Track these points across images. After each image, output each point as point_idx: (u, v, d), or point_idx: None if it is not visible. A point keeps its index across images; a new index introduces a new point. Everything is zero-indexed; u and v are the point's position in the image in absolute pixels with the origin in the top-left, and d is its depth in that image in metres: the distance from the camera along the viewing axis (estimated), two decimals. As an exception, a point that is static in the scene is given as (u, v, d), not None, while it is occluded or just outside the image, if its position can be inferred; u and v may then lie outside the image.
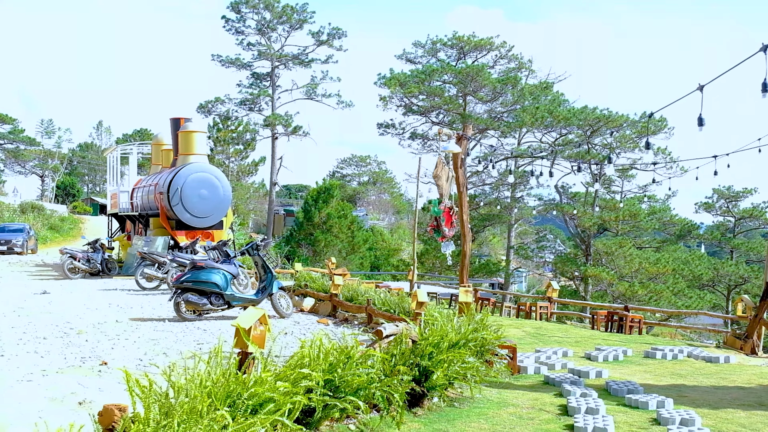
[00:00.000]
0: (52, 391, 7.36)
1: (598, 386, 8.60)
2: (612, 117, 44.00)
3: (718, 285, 43.52)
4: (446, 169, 10.51)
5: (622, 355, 11.13)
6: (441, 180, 10.44)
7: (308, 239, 45.23)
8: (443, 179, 10.44)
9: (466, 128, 11.42)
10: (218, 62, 54.83)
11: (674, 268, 40.36)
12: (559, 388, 8.42)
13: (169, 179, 23.17)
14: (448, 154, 10.72)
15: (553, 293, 16.91)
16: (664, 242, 46.45)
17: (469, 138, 11.19)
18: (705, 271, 41.44)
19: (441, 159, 10.58)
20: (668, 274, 40.83)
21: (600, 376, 9.30)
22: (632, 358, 11.14)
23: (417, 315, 10.60)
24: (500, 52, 53.48)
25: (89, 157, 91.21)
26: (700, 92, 8.70)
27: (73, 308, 14.53)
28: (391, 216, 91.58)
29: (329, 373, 6.03)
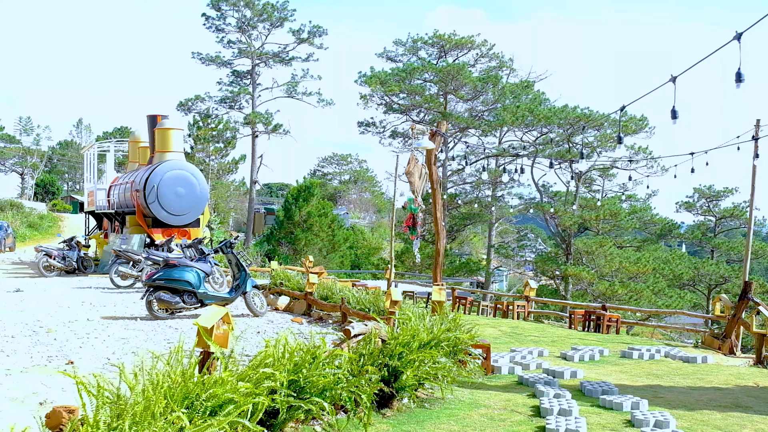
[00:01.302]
0: (14, 391, 7.20)
1: (572, 387, 8.53)
2: (592, 116, 44.09)
3: (698, 284, 43.66)
4: (419, 165, 10.41)
5: (598, 355, 11.07)
6: (413, 177, 10.33)
7: (289, 238, 45.03)
8: (416, 176, 10.33)
9: (440, 124, 11.29)
10: (198, 60, 54.50)
11: (655, 267, 40.46)
12: (533, 388, 8.34)
13: (145, 177, 22.94)
14: (421, 150, 10.64)
15: (530, 292, 16.85)
16: (645, 242, 46.60)
17: (443, 134, 11.06)
18: (685, 271, 41.58)
19: (413, 155, 10.47)
20: (648, 274, 40.91)
21: (575, 376, 9.23)
22: (608, 358, 11.09)
23: (391, 314, 10.50)
24: (481, 50, 53.50)
25: (69, 155, 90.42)
26: (672, 84, 8.63)
27: (45, 306, 14.33)
28: (372, 215, 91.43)
29: (294, 374, 5.91)
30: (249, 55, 54.42)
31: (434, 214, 11.15)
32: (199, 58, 54.30)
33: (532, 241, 61.05)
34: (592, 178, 50.94)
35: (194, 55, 54.28)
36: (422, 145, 10.43)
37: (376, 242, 64.51)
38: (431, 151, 10.88)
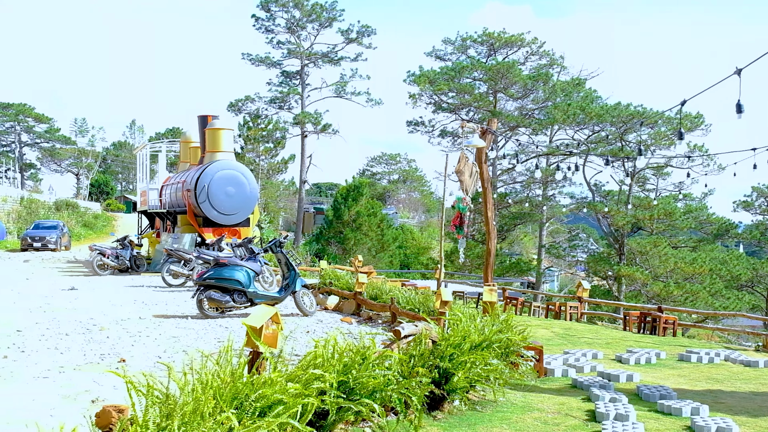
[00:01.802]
0: (67, 389, 7.26)
1: (628, 391, 8.30)
2: (646, 113, 43.22)
3: (757, 286, 42.65)
4: (469, 164, 10.25)
5: (654, 358, 10.77)
6: (464, 175, 10.17)
7: (338, 237, 45.11)
8: (466, 174, 10.17)
9: (490, 122, 11.13)
10: (248, 61, 54.97)
11: (711, 268, 39.52)
12: (588, 392, 8.13)
13: (196, 177, 23.14)
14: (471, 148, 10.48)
15: (583, 293, 16.54)
16: (701, 242, 45.54)
17: (494, 132, 10.89)
18: (743, 272, 40.58)
19: (464, 153, 10.31)
20: (705, 275, 40.02)
21: (631, 379, 8.98)
22: (665, 362, 10.78)
23: (441, 314, 10.37)
24: (531, 48, 53.03)
25: (123, 156, 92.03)
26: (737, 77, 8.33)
27: (98, 305, 14.52)
28: (421, 214, 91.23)
29: (343, 375, 5.83)
30: (298, 56, 54.70)
31: (485, 214, 10.99)
32: (249, 59, 54.77)
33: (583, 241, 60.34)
34: (645, 177, 50.08)
35: (244, 56, 54.78)
36: (473, 143, 10.27)
37: (425, 242, 64.34)
38: (482, 150, 10.71)
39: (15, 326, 11.34)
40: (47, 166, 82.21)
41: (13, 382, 7.49)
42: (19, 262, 27.47)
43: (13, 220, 44.04)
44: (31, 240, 34.89)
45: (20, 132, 77.20)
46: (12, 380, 7.59)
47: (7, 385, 7.39)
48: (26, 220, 44.77)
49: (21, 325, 11.52)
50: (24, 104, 74.91)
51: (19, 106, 74.59)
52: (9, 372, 8.00)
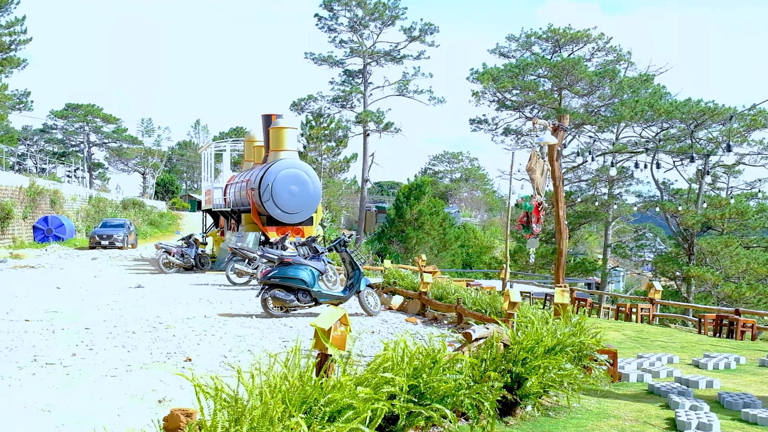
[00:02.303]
0: (134, 388, 7.23)
1: (708, 398, 7.92)
2: (718, 110, 41.99)
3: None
4: (541, 161, 9.95)
5: (734, 363, 10.31)
6: (535, 173, 9.88)
7: (400, 236, 44.97)
8: (537, 172, 9.87)
9: (562, 118, 10.80)
10: (311, 60, 55.27)
11: (787, 269, 38.37)
12: (666, 398, 7.78)
13: (260, 175, 23.23)
14: (543, 146, 10.18)
15: (655, 294, 16.04)
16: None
17: (566, 129, 10.57)
18: (819, 273, 39.26)
19: (535, 151, 10.01)
20: (780, 275, 38.92)
21: (711, 386, 8.58)
22: (746, 367, 10.31)
23: (509, 316, 10.11)
24: (597, 44, 52.12)
25: (187, 155, 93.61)
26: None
27: (164, 303, 14.61)
28: (484, 213, 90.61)
29: (413, 378, 5.64)
30: (361, 54, 54.73)
31: (556, 213, 10.66)
32: (311, 58, 55.06)
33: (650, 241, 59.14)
34: (716, 175, 48.82)
35: (307, 56, 55.11)
36: (544, 139, 9.97)
37: (488, 241, 63.83)
38: (553, 147, 10.40)
39: (84, 324, 11.45)
40: (114, 166, 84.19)
41: (82, 381, 7.51)
42: (87, 260, 27.99)
43: (81, 219, 45.04)
44: (99, 238, 35.58)
45: (89, 132, 79.13)
46: (80, 379, 7.61)
47: (76, 383, 7.40)
48: (94, 219, 45.78)
49: (89, 322, 11.63)
50: (93, 105, 76.72)
51: (87, 106, 76.43)
52: (78, 370, 8.02)
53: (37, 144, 79.07)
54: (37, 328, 10.89)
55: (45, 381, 7.48)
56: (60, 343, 9.72)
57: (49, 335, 10.36)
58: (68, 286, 17.48)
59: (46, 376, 7.72)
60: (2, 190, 33.09)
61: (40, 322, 11.51)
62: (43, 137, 79.69)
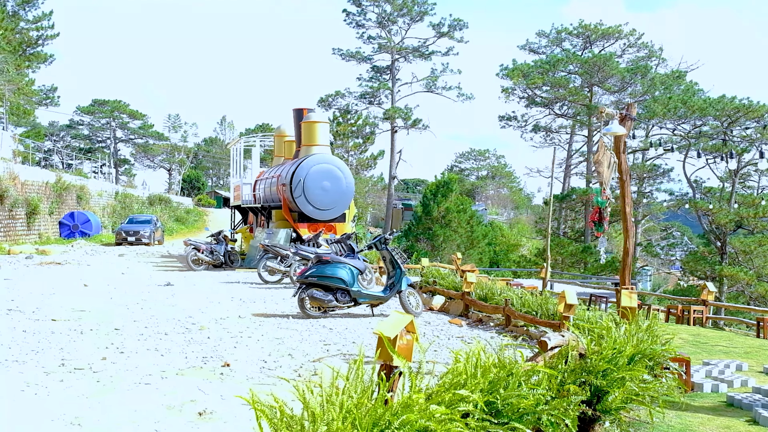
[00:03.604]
0: (170, 397, 6.63)
1: (795, 411, 7.19)
2: (753, 107, 41.02)
3: None
4: (608, 153, 9.25)
5: (808, 372, 9.56)
6: (602, 166, 9.18)
7: (427, 234, 44.32)
8: (605, 165, 9.18)
9: (630, 107, 10.10)
10: (339, 56, 54.75)
11: (820, 269, 37.48)
12: (749, 412, 7.08)
13: (291, 171, 22.64)
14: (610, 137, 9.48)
15: (708, 296, 15.25)
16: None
17: (634, 118, 9.87)
18: None
19: (603, 142, 9.31)
20: (814, 276, 38.05)
21: (794, 397, 7.84)
22: (821, 375, 9.57)
23: (565, 319, 9.42)
24: (629, 40, 51.38)
25: (213, 152, 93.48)
26: None
27: (196, 302, 14.05)
28: (510, 211, 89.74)
29: (489, 394, 4.98)
30: (389, 50, 54.11)
31: (622, 209, 9.95)
32: (339, 54, 54.51)
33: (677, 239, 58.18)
34: (748, 173, 47.87)
35: (335, 51, 54.54)
36: (612, 130, 9.27)
37: (515, 239, 63.03)
38: (620, 138, 9.69)
39: (113, 324, 10.90)
40: (140, 162, 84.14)
41: (114, 389, 6.91)
42: (114, 256, 27.57)
43: (107, 215, 44.76)
44: (125, 234, 35.22)
45: (115, 128, 79.10)
46: (113, 386, 7.01)
47: (108, 392, 6.80)
48: (120, 215, 45.49)
49: (119, 322, 11.08)
50: (119, 101, 76.69)
51: (114, 102, 76.41)
52: (109, 376, 7.43)
53: (64, 140, 79.19)
54: (65, 329, 10.34)
55: (74, 389, 6.88)
56: (89, 346, 9.15)
57: (77, 336, 9.80)
58: (96, 284, 16.98)
59: (75, 383, 7.14)
60: (28, 185, 32.78)
61: (67, 322, 10.97)
62: (69, 133, 79.79)
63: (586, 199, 49.53)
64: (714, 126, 44.36)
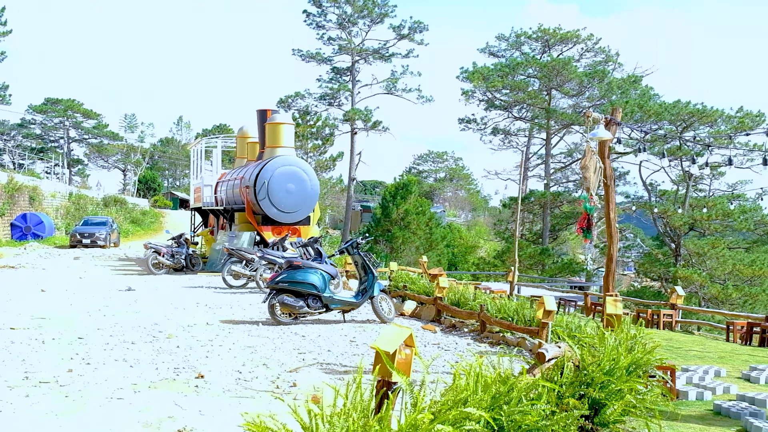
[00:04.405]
0: (146, 414, 6.28)
1: (784, 420, 7.11)
2: (706, 112, 41.69)
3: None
4: (594, 159, 9.12)
5: (786, 377, 9.53)
6: (589, 171, 9.03)
7: (386, 235, 44.24)
8: (591, 170, 9.04)
9: (615, 112, 9.99)
10: (298, 57, 54.24)
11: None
12: (738, 421, 6.96)
13: (255, 173, 22.23)
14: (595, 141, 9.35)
15: (677, 299, 15.29)
16: (755, 243, 44.11)
17: (619, 123, 9.76)
18: (804, 274, 39.20)
19: (589, 147, 9.17)
20: (764, 277, 38.78)
21: (780, 405, 7.77)
22: (799, 381, 9.55)
23: (543, 326, 9.28)
24: (586, 45, 51.85)
25: (170, 152, 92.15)
26: None
27: (160, 308, 13.64)
28: (468, 213, 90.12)
29: (491, 410, 4.76)
30: (349, 52, 53.82)
31: (607, 214, 9.83)
32: (299, 55, 54.05)
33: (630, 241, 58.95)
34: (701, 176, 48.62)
35: (294, 52, 54.06)
36: (598, 135, 9.15)
37: (473, 241, 63.32)
38: (605, 143, 9.57)
39: (76, 332, 10.47)
40: (94, 162, 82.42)
41: (85, 405, 6.52)
42: (69, 259, 26.87)
43: (61, 216, 43.73)
44: (80, 236, 34.41)
45: (69, 128, 77.41)
46: (83, 402, 6.63)
47: (78, 408, 6.42)
48: (74, 216, 44.46)
49: (82, 331, 10.64)
50: (73, 100, 75.06)
51: (67, 101, 74.78)
52: (78, 391, 7.03)
53: (15, 139, 77.23)
54: (25, 338, 9.88)
55: (41, 405, 6.48)
56: (52, 356, 8.74)
57: (39, 346, 9.37)
58: (53, 289, 16.43)
59: (41, 398, 6.74)
60: (-21, 186, 31.83)
61: (27, 331, 10.50)
62: (20, 132, 77.87)
63: (544, 201, 49.84)
64: (669, 130, 44.93)
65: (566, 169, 54.93)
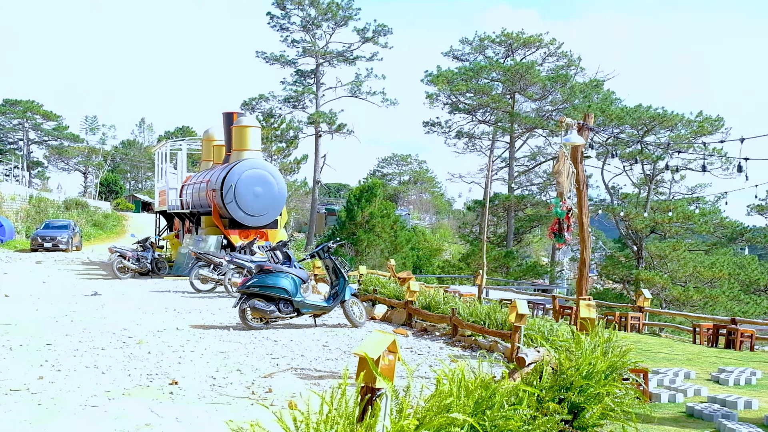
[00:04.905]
0: (123, 422, 6.21)
1: (754, 420, 7.24)
2: (667, 116, 42.36)
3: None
4: (567, 163, 9.20)
5: (753, 378, 9.69)
6: (562, 176, 9.11)
7: (351, 238, 44.19)
8: (564, 175, 9.12)
9: (587, 117, 10.10)
10: (262, 59, 54.09)
11: (730, 272, 38.91)
12: (711, 423, 7.07)
13: (222, 176, 22.08)
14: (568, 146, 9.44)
15: (644, 302, 15.50)
16: (714, 245, 44.93)
17: (591, 128, 9.87)
18: (761, 276, 39.95)
19: (563, 152, 9.25)
20: (724, 279, 39.46)
21: (749, 406, 7.90)
22: (765, 382, 9.69)
23: (516, 330, 9.34)
24: (549, 49, 52.32)
25: (132, 155, 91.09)
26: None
27: (128, 313, 13.49)
28: (432, 215, 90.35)
29: (475, 415, 4.78)
30: (313, 54, 53.76)
31: (579, 219, 9.94)
32: (263, 58, 53.90)
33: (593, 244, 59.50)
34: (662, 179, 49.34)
35: (258, 55, 53.89)
36: (571, 140, 9.24)
37: (438, 244, 63.49)
38: (578, 148, 9.67)
39: (44, 338, 10.31)
40: (54, 164, 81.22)
41: (60, 413, 6.42)
42: (31, 264, 26.45)
43: (21, 219, 43.02)
44: (41, 240, 33.92)
45: (28, 129, 76.19)
46: (57, 410, 6.52)
47: (53, 417, 6.31)
48: (35, 219, 43.76)
49: (50, 337, 10.48)
50: (32, 101, 73.92)
51: (27, 103, 73.62)
52: (50, 398, 6.92)
53: (-28, 141, 75.92)
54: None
55: (14, 414, 6.36)
56: (22, 363, 8.59)
57: (7, 353, 9.21)
58: (17, 294, 16.17)
59: (14, 406, 6.61)
60: (-63, 189, 31.22)
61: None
62: (-22, 134, 76.55)
63: (508, 204, 50.20)
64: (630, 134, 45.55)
65: (530, 173, 55.38)
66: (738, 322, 13.61)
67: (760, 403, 8.18)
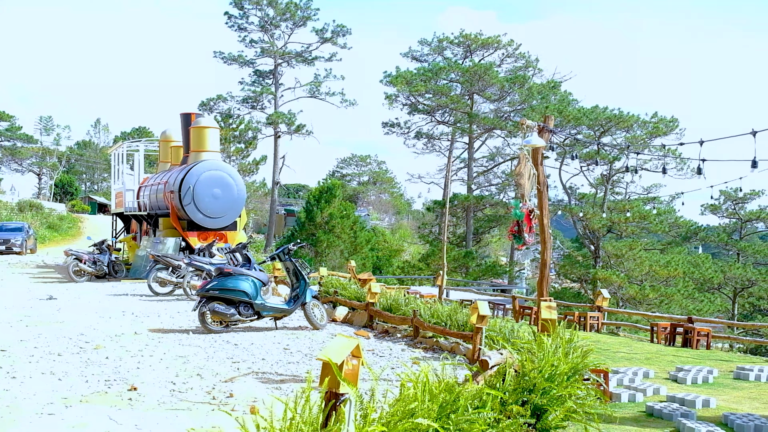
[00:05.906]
0: (81, 429, 6.09)
1: (713, 419, 7.34)
2: (623, 117, 42.93)
3: (724, 288, 43.01)
4: (528, 165, 9.25)
5: (710, 377, 9.84)
6: (522, 178, 9.16)
7: (310, 239, 44.02)
8: (525, 177, 9.17)
9: (547, 119, 10.16)
10: (220, 59, 53.63)
11: (684, 271, 39.65)
12: (670, 422, 7.16)
13: (180, 177, 21.83)
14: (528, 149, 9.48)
15: (603, 302, 15.67)
16: (669, 244, 45.73)
17: (552, 130, 9.94)
18: (714, 274, 40.79)
19: (524, 154, 9.29)
20: (678, 277, 40.16)
21: (708, 405, 8.01)
22: (722, 380, 9.86)
23: (477, 331, 9.37)
24: (507, 50, 52.57)
25: (87, 155, 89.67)
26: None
27: (85, 317, 13.26)
28: (391, 216, 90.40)
29: (439, 419, 4.78)
30: (271, 55, 53.46)
31: (540, 220, 9.99)
32: (221, 58, 53.46)
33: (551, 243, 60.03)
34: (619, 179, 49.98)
35: (216, 55, 53.47)
36: (532, 142, 9.29)
37: (397, 244, 63.54)
38: (539, 149, 9.73)
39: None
40: (7, 165, 79.59)
41: (14, 421, 6.27)
42: (-16, 267, 25.91)
43: (-27, 222, 42.10)
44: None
45: (-21, 130, 74.66)
46: (12, 418, 6.37)
47: (8, 425, 6.16)
48: (-13, 222, 42.88)
49: (4, 343, 10.25)
50: (-17, 101, 72.45)
51: (-23, 103, 72.16)
52: (6, 406, 6.76)
53: None
54: (-56, 351, 9.48)
55: (-32, 422, 6.24)
56: (-25, 371, 8.40)
57: (-40, 360, 9.00)
58: (-31, 299, 15.82)
59: (-32, 415, 6.47)
60: None
61: (-55, 344, 10.07)
62: (-73, 135, 74.71)
63: (467, 204, 50.42)
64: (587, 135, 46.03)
65: (489, 173, 55.69)
66: (694, 320, 13.83)
67: (718, 401, 8.30)
